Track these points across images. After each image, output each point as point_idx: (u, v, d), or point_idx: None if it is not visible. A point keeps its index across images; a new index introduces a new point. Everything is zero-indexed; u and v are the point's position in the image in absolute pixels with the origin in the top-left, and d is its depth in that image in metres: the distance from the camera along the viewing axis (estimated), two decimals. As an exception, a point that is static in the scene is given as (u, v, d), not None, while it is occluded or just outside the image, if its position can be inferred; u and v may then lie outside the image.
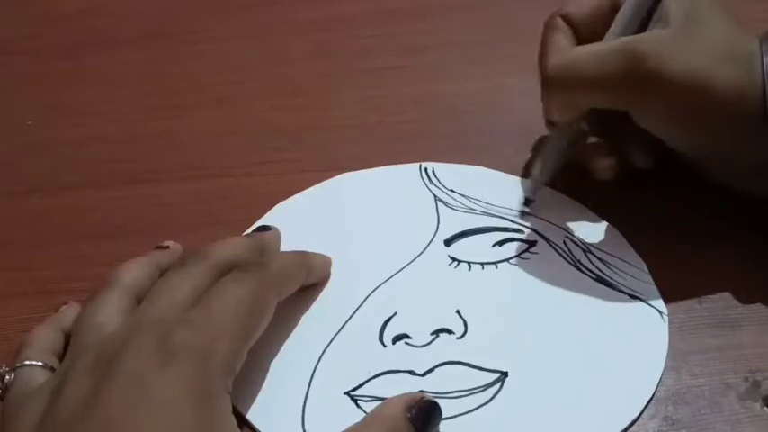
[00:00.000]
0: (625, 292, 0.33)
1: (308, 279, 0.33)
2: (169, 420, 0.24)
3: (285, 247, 0.35)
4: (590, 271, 0.34)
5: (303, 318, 0.33)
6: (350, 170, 0.40)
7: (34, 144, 0.45)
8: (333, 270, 0.35)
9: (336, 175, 0.40)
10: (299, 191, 0.39)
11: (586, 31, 0.36)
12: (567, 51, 0.34)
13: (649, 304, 0.32)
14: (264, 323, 0.29)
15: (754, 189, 0.34)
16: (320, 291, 0.34)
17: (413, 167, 0.40)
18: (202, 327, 0.27)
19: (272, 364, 0.31)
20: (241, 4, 0.55)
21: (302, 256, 0.33)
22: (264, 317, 0.29)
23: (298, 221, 0.37)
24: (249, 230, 0.37)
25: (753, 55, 0.31)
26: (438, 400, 0.28)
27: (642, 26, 0.34)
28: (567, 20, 0.36)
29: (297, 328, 0.32)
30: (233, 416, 0.26)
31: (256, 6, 0.55)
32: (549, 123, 0.37)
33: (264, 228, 0.36)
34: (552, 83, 0.34)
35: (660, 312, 0.32)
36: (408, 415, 0.27)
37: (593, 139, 0.37)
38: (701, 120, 0.32)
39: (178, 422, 0.24)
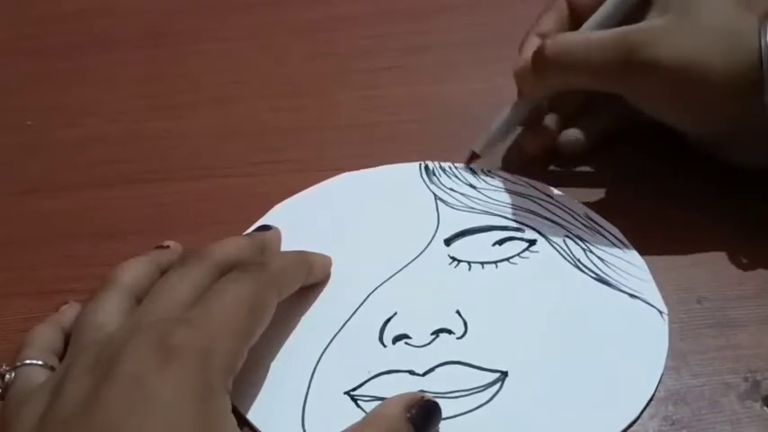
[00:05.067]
0: (625, 292, 0.33)
1: (308, 279, 0.33)
2: (169, 420, 0.24)
3: (285, 247, 0.35)
4: (590, 270, 0.34)
5: (303, 318, 0.33)
6: (350, 170, 0.40)
7: (34, 144, 0.45)
8: (333, 270, 0.35)
9: (336, 175, 0.40)
10: (299, 191, 0.39)
11: (586, 16, 0.37)
12: (565, 36, 0.36)
13: (649, 304, 0.32)
14: (265, 323, 0.29)
15: (757, 162, 0.34)
16: (320, 291, 0.34)
17: (413, 167, 0.40)
18: (202, 326, 0.27)
19: (272, 364, 0.31)
20: (241, 4, 0.55)
21: (302, 256, 0.33)
22: (265, 317, 0.29)
23: (298, 221, 0.37)
24: (249, 230, 0.37)
25: (752, 35, 0.31)
26: (438, 400, 0.28)
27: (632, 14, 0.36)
28: (572, 4, 0.38)
29: (297, 328, 0.32)
30: (233, 416, 0.26)
31: (256, 6, 0.55)
32: (520, 94, 0.39)
33: (264, 228, 0.36)
34: (548, 64, 0.35)
35: (660, 312, 0.32)
36: (408, 415, 0.27)
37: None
38: (699, 103, 0.33)
39: (178, 422, 0.24)
